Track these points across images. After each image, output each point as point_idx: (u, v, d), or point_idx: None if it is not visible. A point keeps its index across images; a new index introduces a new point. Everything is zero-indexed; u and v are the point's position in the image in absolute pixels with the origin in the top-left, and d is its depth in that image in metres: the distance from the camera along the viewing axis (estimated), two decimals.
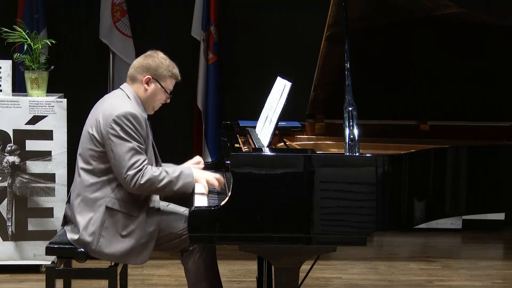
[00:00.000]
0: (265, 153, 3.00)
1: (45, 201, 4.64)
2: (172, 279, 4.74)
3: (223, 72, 5.82)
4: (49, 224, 4.64)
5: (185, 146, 5.84)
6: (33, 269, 4.67)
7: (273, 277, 3.05)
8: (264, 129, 3.44)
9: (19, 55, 4.65)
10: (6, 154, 4.60)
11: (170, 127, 5.69)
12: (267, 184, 2.87)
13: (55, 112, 4.60)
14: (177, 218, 3.41)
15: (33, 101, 4.59)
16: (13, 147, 4.59)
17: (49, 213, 4.64)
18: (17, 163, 4.60)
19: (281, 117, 3.23)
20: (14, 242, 4.64)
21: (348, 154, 2.97)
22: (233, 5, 6.01)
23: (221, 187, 3.37)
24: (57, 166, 4.62)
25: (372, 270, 5.07)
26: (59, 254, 3.38)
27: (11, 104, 4.58)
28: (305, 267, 3.12)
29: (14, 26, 4.69)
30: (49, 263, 3.61)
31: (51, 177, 4.62)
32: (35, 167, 4.61)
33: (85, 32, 5.92)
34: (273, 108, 3.36)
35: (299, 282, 3.05)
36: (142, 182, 3.20)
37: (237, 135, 3.87)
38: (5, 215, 4.62)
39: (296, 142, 3.91)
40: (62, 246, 3.35)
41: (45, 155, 4.61)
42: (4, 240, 4.64)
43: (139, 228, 3.30)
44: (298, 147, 3.66)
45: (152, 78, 3.40)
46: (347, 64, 3.15)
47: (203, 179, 3.32)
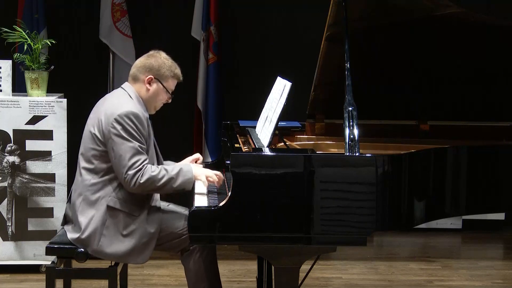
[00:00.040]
0: (265, 153, 3.00)
1: (45, 201, 4.64)
2: (172, 279, 4.74)
3: (223, 72, 5.82)
4: (49, 224, 4.64)
5: (185, 146, 5.83)
6: (33, 269, 4.67)
7: (273, 277, 3.05)
8: (264, 129, 3.44)
9: (19, 55, 4.64)
10: (6, 154, 4.59)
11: (170, 127, 5.69)
12: (267, 184, 2.87)
13: (55, 112, 4.60)
14: (177, 217, 3.41)
15: (33, 101, 4.58)
16: (13, 147, 4.59)
17: (49, 213, 4.64)
18: (17, 163, 4.60)
19: (281, 117, 3.23)
20: (14, 242, 4.64)
21: (348, 154, 2.97)
22: (233, 5, 6.00)
23: (220, 184, 3.37)
24: (57, 166, 4.62)
25: (372, 270, 5.06)
26: (59, 254, 3.38)
27: (11, 104, 4.58)
28: (305, 267, 3.12)
29: (14, 26, 4.68)
30: (49, 263, 3.61)
31: (51, 177, 4.62)
32: (35, 167, 4.61)
33: (85, 32, 5.92)
34: (273, 108, 3.36)
35: (299, 282, 3.05)
36: (142, 181, 3.20)
37: (237, 135, 3.87)
38: (5, 215, 4.61)
39: (296, 142, 3.91)
40: (62, 246, 3.35)
41: (45, 155, 4.61)
42: (4, 240, 4.64)
43: (140, 227, 3.30)
44: (298, 147, 3.66)
45: (154, 78, 3.40)
46: (347, 64, 3.15)
47: (202, 175, 3.32)
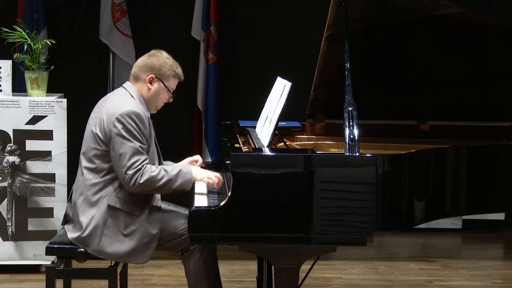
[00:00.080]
0: (265, 153, 3.00)
1: (45, 201, 4.63)
2: (172, 279, 4.74)
3: (223, 72, 5.82)
4: (49, 224, 4.64)
5: (185, 146, 5.83)
6: (33, 269, 4.66)
7: (273, 277, 3.05)
8: (264, 129, 3.44)
9: (19, 55, 4.64)
10: (6, 154, 4.59)
11: (170, 127, 5.68)
12: (267, 184, 2.87)
13: (55, 112, 4.60)
14: (178, 217, 3.41)
15: (33, 101, 4.58)
16: (13, 147, 4.59)
17: (49, 213, 4.64)
18: (17, 163, 4.60)
19: (281, 117, 3.23)
20: (14, 242, 4.64)
21: (348, 154, 2.97)
22: (233, 5, 6.00)
23: (219, 186, 3.37)
24: (57, 166, 4.62)
25: (372, 270, 5.06)
26: (59, 254, 3.38)
27: (11, 104, 4.58)
28: (305, 267, 3.12)
29: (14, 26, 4.68)
30: (49, 263, 3.61)
31: (51, 177, 4.62)
32: (35, 167, 4.61)
33: (85, 32, 5.92)
34: (273, 108, 3.36)
35: (299, 282, 3.05)
36: (141, 181, 3.19)
37: (237, 135, 3.87)
38: (5, 215, 4.61)
39: (296, 142, 3.91)
40: (62, 246, 3.35)
41: (45, 155, 4.61)
42: (4, 240, 4.64)
43: (141, 227, 3.30)
44: (298, 147, 3.66)
45: (155, 77, 3.40)
46: (347, 64, 3.15)
47: (202, 176, 3.33)
